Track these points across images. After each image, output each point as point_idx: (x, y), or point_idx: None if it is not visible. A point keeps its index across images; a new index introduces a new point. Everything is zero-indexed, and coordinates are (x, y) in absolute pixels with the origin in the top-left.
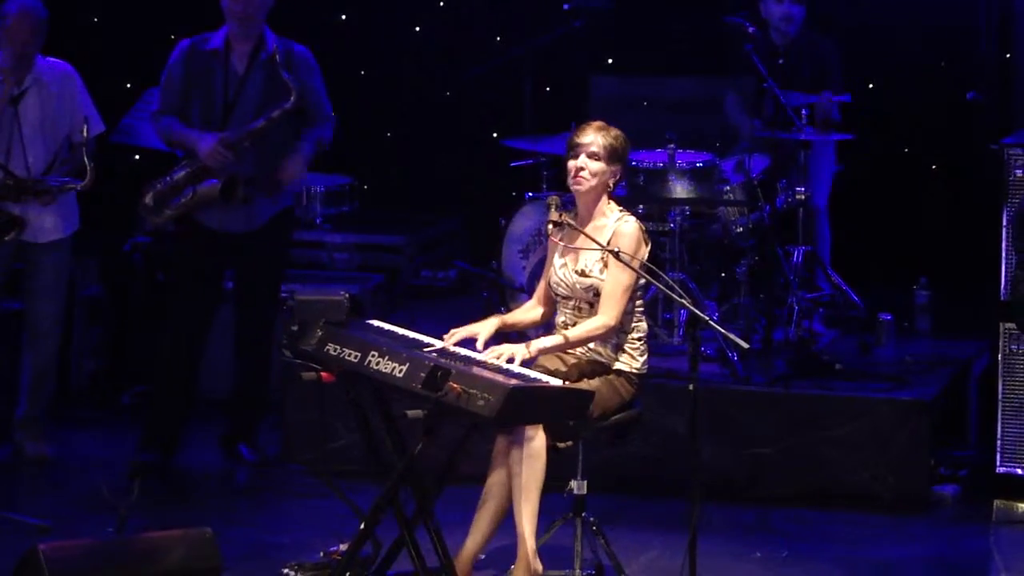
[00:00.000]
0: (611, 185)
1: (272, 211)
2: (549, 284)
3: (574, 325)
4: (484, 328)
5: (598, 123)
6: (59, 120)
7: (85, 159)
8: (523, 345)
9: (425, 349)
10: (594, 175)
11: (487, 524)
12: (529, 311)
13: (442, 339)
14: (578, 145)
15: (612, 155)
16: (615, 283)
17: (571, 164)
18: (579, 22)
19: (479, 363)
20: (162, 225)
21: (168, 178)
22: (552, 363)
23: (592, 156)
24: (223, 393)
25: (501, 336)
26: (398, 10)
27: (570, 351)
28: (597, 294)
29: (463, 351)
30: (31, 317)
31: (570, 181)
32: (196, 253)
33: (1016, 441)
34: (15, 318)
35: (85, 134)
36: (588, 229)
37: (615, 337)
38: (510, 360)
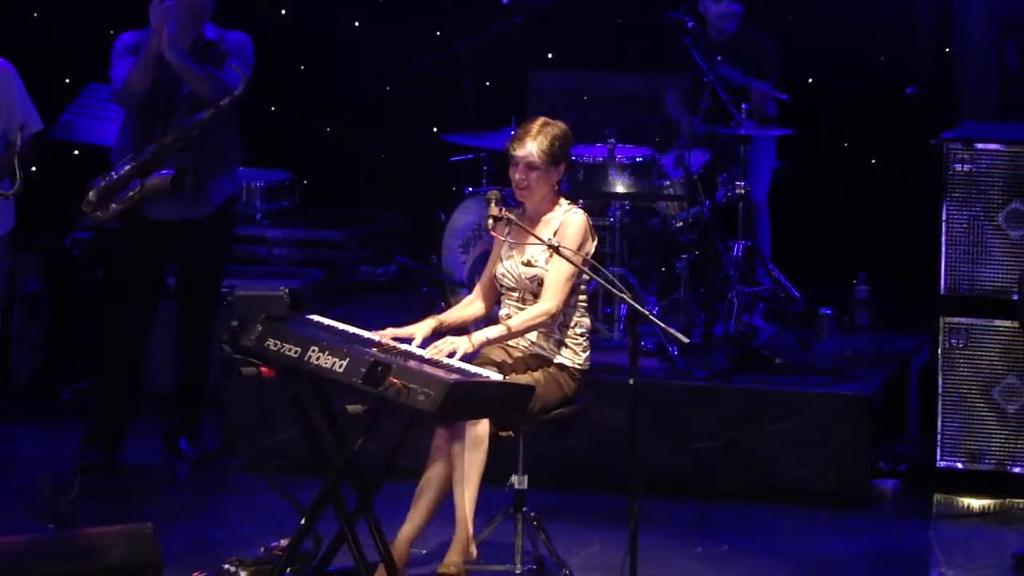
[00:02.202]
0: (557, 183)
1: (220, 199)
2: (494, 276)
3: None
4: (420, 329)
5: (537, 125)
6: None
7: (16, 165)
8: (465, 338)
9: (366, 344)
10: (536, 184)
11: (423, 514)
12: (467, 307)
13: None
14: (514, 157)
15: (551, 159)
16: (558, 272)
17: (512, 175)
18: (518, 17)
19: (419, 358)
20: (107, 221)
21: (112, 174)
22: (497, 355)
23: (530, 167)
24: (164, 389)
25: (439, 336)
26: (338, 5)
27: (513, 345)
28: (541, 284)
29: (404, 346)
30: None
31: (515, 191)
32: (140, 246)
33: (956, 435)
34: None
35: (19, 140)
36: (536, 221)
37: (557, 332)
38: (451, 354)
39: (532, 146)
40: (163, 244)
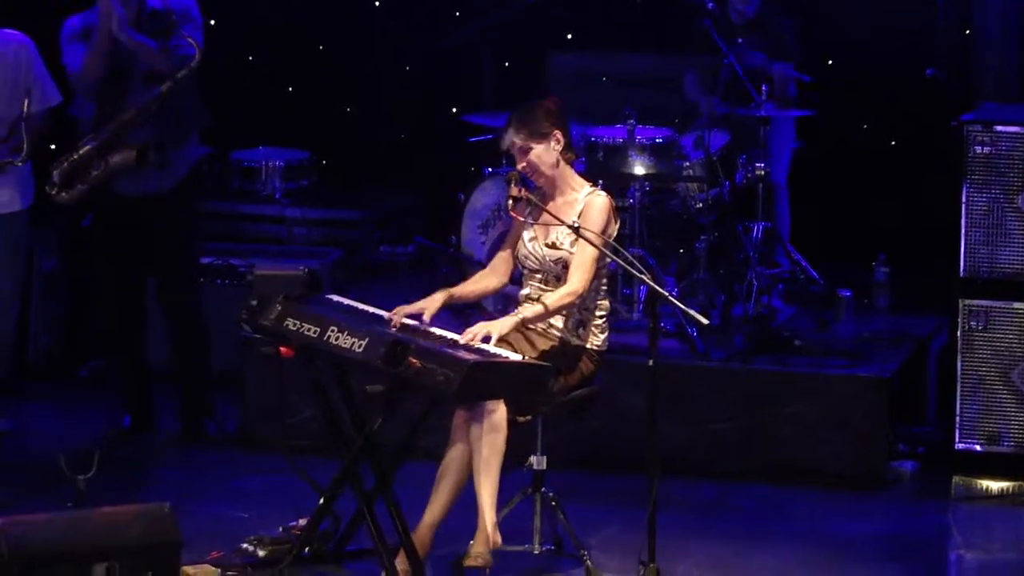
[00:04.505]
0: (559, 154)
1: (185, 168)
2: (516, 257)
3: (538, 300)
4: (431, 304)
5: (514, 114)
6: (13, 90)
7: (23, 133)
8: (498, 321)
9: (385, 324)
10: (536, 164)
11: (445, 497)
12: (479, 281)
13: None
14: (506, 152)
15: (535, 133)
16: (584, 253)
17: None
18: None
19: (440, 338)
20: (71, 202)
21: (74, 154)
22: (515, 339)
23: (520, 151)
24: (173, 367)
25: (450, 310)
26: None
27: (531, 327)
28: (566, 267)
29: (425, 326)
30: None
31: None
32: (114, 222)
33: (974, 418)
34: None
35: (26, 108)
36: (557, 203)
37: (576, 313)
38: (487, 338)
39: (509, 133)
40: (135, 219)
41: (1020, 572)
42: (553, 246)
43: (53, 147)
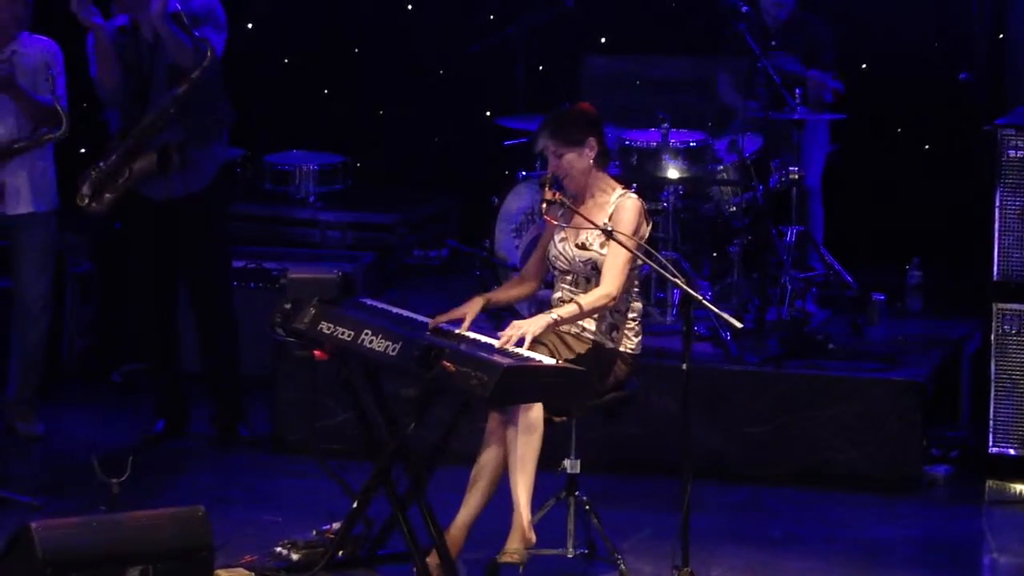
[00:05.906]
0: (593, 159)
1: (213, 169)
2: (547, 258)
3: (570, 301)
4: (469, 310)
5: (548, 118)
6: (33, 84)
7: (59, 111)
8: (532, 320)
9: (419, 328)
10: (569, 168)
11: (478, 499)
12: (515, 287)
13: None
14: (538, 154)
15: (570, 139)
16: (616, 256)
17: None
18: (572, 1)
19: (474, 342)
20: (101, 212)
21: (101, 164)
22: (550, 341)
23: (555, 155)
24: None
25: (484, 313)
26: None
27: (564, 331)
28: (595, 268)
29: (459, 330)
30: (19, 298)
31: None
32: (145, 228)
33: (1008, 422)
34: (5, 297)
35: (51, 81)
36: (588, 205)
37: (609, 316)
38: (521, 340)
39: (543, 137)
40: (166, 222)
41: None
42: (583, 247)
43: (83, 151)
